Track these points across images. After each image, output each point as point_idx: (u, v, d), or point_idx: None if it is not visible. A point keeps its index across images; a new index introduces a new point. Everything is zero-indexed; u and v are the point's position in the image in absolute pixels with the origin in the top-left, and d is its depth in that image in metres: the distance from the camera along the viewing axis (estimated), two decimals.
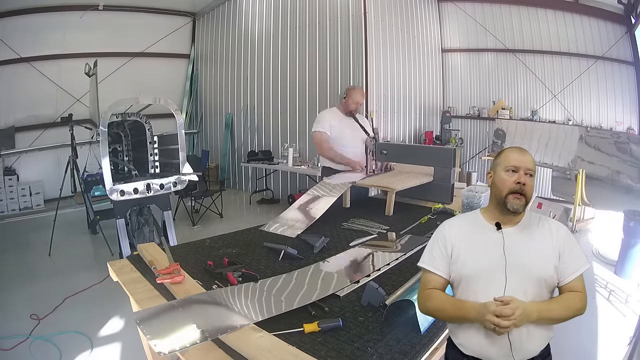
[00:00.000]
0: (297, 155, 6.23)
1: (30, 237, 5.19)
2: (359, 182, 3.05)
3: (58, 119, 5.98)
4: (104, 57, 6.76)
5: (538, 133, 6.68)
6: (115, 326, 2.84)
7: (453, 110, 8.25)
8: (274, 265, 1.81)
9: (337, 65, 6.01)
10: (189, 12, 8.77)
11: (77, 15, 7.08)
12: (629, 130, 6.51)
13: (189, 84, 8.92)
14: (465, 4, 7.77)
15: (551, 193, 6.48)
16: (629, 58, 6.45)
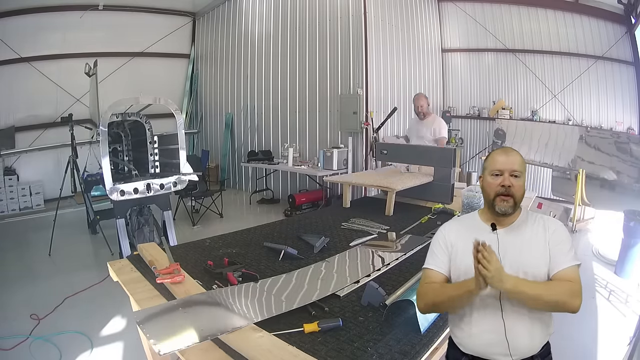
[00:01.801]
0: (297, 155, 6.23)
1: (30, 237, 5.18)
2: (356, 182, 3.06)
3: (58, 119, 5.98)
4: (104, 57, 6.75)
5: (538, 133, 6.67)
6: (115, 326, 2.84)
7: (453, 110, 8.25)
8: (274, 265, 1.81)
9: (337, 65, 6.01)
10: (189, 12, 8.77)
11: (77, 15, 7.07)
12: (629, 130, 6.50)
13: (189, 84, 8.92)
14: (465, 4, 7.77)
15: (551, 193, 6.48)
16: (629, 58, 6.44)
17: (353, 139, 5.88)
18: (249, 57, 7.53)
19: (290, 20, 6.64)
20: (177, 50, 8.76)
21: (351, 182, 3.21)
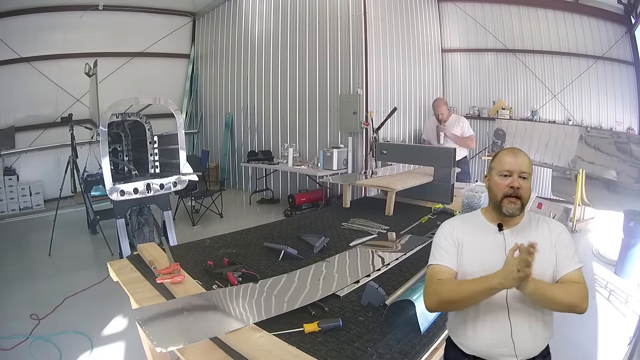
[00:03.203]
0: (297, 155, 6.23)
1: (30, 237, 5.18)
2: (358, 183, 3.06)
3: (58, 119, 5.97)
4: (104, 57, 6.75)
5: (538, 133, 6.68)
6: (115, 326, 2.84)
7: (453, 110, 8.22)
8: (274, 265, 1.81)
9: (337, 65, 6.01)
10: (189, 12, 8.76)
11: (77, 15, 7.07)
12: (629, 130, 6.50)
13: (189, 84, 8.92)
14: (465, 4, 7.76)
15: (551, 193, 6.48)
16: (629, 58, 6.44)
17: (353, 139, 5.88)
18: (249, 57, 7.53)
19: (290, 20, 6.64)
20: (177, 50, 8.75)
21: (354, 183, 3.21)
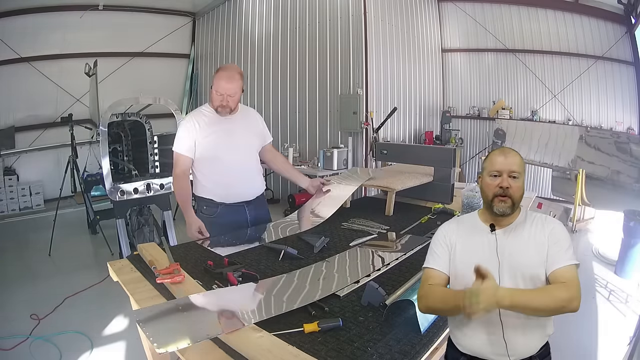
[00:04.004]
0: (297, 155, 6.23)
1: (30, 237, 5.18)
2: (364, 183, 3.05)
3: (58, 119, 5.97)
4: (104, 57, 6.75)
5: (538, 133, 6.68)
6: (115, 326, 2.84)
7: (453, 110, 8.24)
8: (274, 265, 1.81)
9: (337, 65, 6.01)
10: (189, 12, 8.76)
11: (77, 15, 7.07)
12: (629, 130, 6.50)
13: (189, 84, 8.92)
14: (465, 4, 7.77)
15: (551, 193, 6.48)
16: (629, 58, 6.45)
17: (353, 139, 5.89)
18: (249, 57, 7.52)
19: (290, 21, 6.64)
20: (177, 50, 8.75)
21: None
